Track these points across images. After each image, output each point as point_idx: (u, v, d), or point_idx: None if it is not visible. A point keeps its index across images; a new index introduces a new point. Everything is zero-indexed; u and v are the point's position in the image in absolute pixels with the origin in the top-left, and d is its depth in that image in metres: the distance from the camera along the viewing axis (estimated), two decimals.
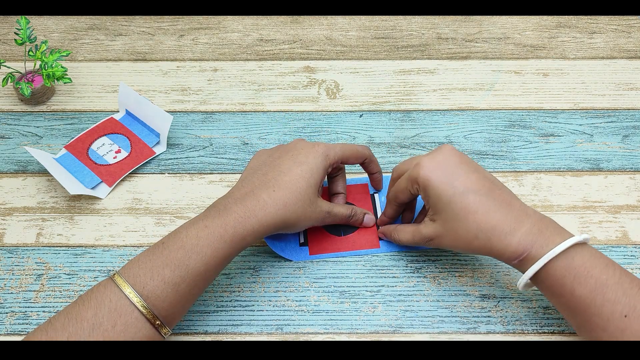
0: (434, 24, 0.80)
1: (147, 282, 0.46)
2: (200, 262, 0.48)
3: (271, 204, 0.51)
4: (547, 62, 0.76)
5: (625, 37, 0.78)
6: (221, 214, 0.50)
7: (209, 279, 0.50)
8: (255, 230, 0.50)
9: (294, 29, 0.80)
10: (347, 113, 0.71)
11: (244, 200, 0.51)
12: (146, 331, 0.46)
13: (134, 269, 0.47)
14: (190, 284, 0.48)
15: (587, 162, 0.66)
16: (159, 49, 0.78)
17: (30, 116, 0.71)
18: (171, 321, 0.48)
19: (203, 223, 0.49)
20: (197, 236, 0.48)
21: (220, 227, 0.49)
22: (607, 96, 0.72)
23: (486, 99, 0.72)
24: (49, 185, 0.65)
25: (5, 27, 0.81)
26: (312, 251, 0.59)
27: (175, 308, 0.47)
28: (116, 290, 0.46)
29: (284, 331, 0.55)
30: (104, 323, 0.45)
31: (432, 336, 0.55)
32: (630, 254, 0.59)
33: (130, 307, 0.46)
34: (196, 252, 0.48)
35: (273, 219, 0.51)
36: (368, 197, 0.63)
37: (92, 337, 0.44)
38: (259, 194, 0.51)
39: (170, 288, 0.47)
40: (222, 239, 0.49)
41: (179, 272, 0.47)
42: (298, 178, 0.53)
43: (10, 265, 0.59)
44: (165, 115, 0.67)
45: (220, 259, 0.49)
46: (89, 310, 0.45)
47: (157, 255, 0.48)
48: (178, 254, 0.48)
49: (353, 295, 0.57)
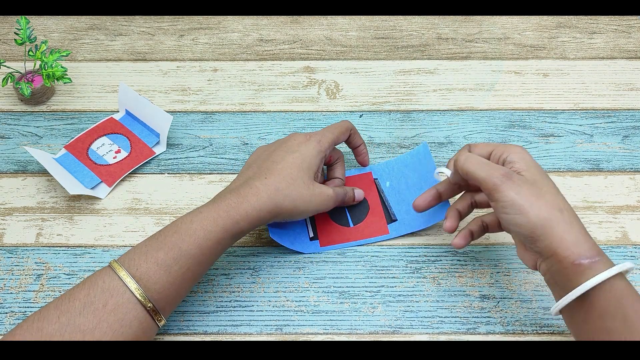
0: (434, 24, 0.80)
1: (140, 264, 0.48)
2: (193, 244, 0.49)
3: (263, 189, 0.52)
4: (547, 62, 0.76)
5: (625, 37, 0.78)
6: (216, 202, 0.52)
7: (203, 264, 0.50)
8: (248, 215, 0.51)
9: (294, 29, 0.80)
10: (347, 113, 0.71)
11: (238, 189, 0.53)
12: (137, 313, 0.47)
13: (130, 254, 0.49)
14: (183, 266, 0.49)
15: (587, 162, 0.66)
16: (159, 49, 0.78)
17: (30, 116, 0.71)
18: (164, 307, 0.49)
19: (198, 210, 0.51)
20: (191, 220, 0.50)
21: (214, 211, 0.50)
22: (607, 96, 0.72)
23: (486, 99, 0.72)
24: (49, 185, 0.65)
25: (5, 27, 0.81)
26: (323, 243, 0.60)
27: (168, 291, 0.48)
28: (110, 273, 0.48)
29: (284, 331, 0.55)
30: (94, 302, 0.46)
31: (431, 336, 0.55)
32: (630, 254, 0.59)
33: (122, 287, 0.47)
34: (189, 234, 0.49)
35: (265, 204, 0.52)
36: (373, 185, 0.64)
37: (82, 315, 0.45)
38: (252, 182, 0.53)
39: (163, 270, 0.48)
40: (216, 222, 0.50)
41: (172, 254, 0.48)
42: (290, 165, 0.55)
43: (10, 265, 0.59)
44: (165, 115, 0.67)
45: (214, 242, 0.50)
46: (82, 290, 0.47)
47: (153, 241, 0.50)
48: (172, 238, 0.49)
49: (353, 295, 0.57)
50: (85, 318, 0.45)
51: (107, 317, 0.46)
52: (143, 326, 0.47)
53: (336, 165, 0.62)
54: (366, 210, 0.62)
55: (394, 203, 0.62)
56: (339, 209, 0.62)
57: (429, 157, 0.65)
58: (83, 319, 0.45)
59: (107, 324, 0.46)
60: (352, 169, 0.66)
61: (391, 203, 0.62)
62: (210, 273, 0.58)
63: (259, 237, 0.61)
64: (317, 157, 0.57)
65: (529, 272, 0.58)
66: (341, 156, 0.63)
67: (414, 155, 0.65)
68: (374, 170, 0.65)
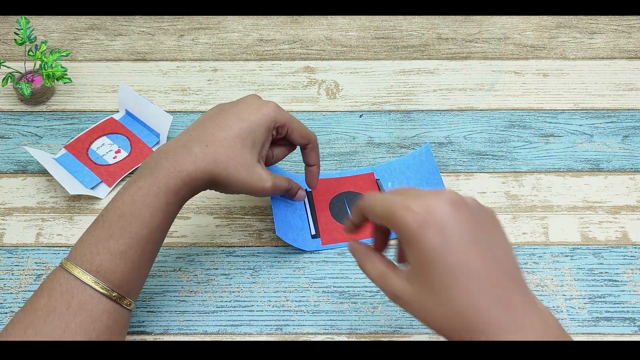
0: (434, 24, 0.80)
1: (94, 258, 0.46)
2: (141, 226, 0.47)
3: (202, 158, 0.50)
4: (547, 63, 0.76)
5: (625, 37, 0.78)
6: (152, 171, 0.49)
7: (156, 241, 0.49)
8: (186, 184, 0.49)
9: (294, 29, 0.80)
10: (347, 113, 0.71)
11: (175, 153, 0.50)
12: (104, 305, 0.46)
13: (79, 249, 0.47)
14: (137, 250, 0.47)
15: (587, 162, 0.66)
16: (159, 49, 0.78)
17: (30, 116, 0.71)
18: (130, 291, 0.48)
19: (136, 185, 0.48)
20: (133, 200, 0.48)
21: (153, 185, 0.48)
22: (607, 96, 0.72)
23: (486, 99, 0.72)
24: (49, 185, 0.65)
25: (5, 27, 0.81)
26: (325, 241, 0.60)
27: (129, 276, 0.47)
28: (65, 274, 0.46)
29: (284, 331, 0.55)
30: (57, 307, 0.45)
31: (431, 336, 0.55)
32: (630, 255, 0.59)
33: (81, 286, 0.46)
34: (135, 216, 0.47)
35: (202, 174, 0.50)
36: (375, 186, 0.64)
37: (47, 323, 0.44)
38: (191, 147, 0.50)
39: (119, 258, 0.47)
40: (157, 197, 0.48)
41: (124, 240, 0.47)
42: (234, 136, 0.51)
43: (10, 265, 0.59)
44: (165, 115, 0.67)
45: (161, 218, 0.48)
46: (41, 299, 0.46)
47: (99, 229, 0.48)
48: (119, 223, 0.47)
49: (353, 295, 0.57)
50: (51, 325, 0.44)
51: (73, 318, 0.45)
52: (113, 316, 0.47)
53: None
54: None
55: None
56: (340, 207, 0.62)
57: (431, 158, 0.65)
58: (49, 327, 0.44)
59: (75, 325, 0.45)
60: (353, 168, 0.66)
61: None
62: (210, 273, 0.58)
63: (259, 237, 0.61)
64: (264, 131, 0.53)
65: (529, 272, 0.58)
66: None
67: (416, 156, 0.65)
68: (375, 171, 0.65)
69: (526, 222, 0.61)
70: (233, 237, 0.61)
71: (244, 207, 0.63)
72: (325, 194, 0.63)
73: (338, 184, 0.64)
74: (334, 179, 0.64)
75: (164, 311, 0.56)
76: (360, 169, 0.66)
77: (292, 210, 0.61)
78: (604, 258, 0.59)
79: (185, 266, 0.59)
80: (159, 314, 0.56)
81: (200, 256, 0.60)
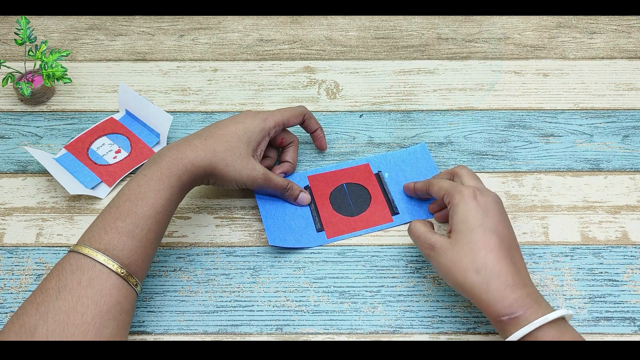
0: (434, 24, 0.80)
1: (102, 237, 0.49)
2: (146, 206, 0.51)
3: (201, 147, 0.55)
4: (547, 62, 0.76)
5: (625, 37, 0.78)
6: (156, 161, 0.54)
7: (161, 222, 0.52)
8: (188, 170, 0.54)
9: (294, 29, 0.80)
10: (347, 113, 0.71)
11: (177, 146, 0.55)
12: (113, 281, 0.48)
13: (87, 233, 0.50)
14: (144, 228, 0.50)
15: (587, 162, 0.66)
16: (159, 49, 0.78)
17: (30, 116, 0.71)
18: (137, 271, 0.50)
19: (142, 173, 0.53)
20: (139, 185, 0.52)
21: (157, 171, 0.53)
22: (607, 96, 0.72)
23: (486, 99, 0.72)
24: (49, 185, 0.65)
25: (5, 27, 0.81)
26: (329, 234, 0.60)
27: (136, 254, 0.50)
28: (74, 255, 0.48)
29: (284, 331, 0.55)
30: (68, 284, 0.47)
31: (431, 336, 0.55)
32: (630, 254, 0.59)
33: (91, 262, 0.48)
34: (140, 198, 0.51)
35: (202, 161, 0.55)
36: (372, 176, 0.65)
37: (59, 299, 0.46)
38: (191, 141, 0.56)
39: (126, 236, 0.49)
40: (161, 180, 0.52)
41: (130, 219, 0.50)
42: (231, 133, 0.57)
43: (10, 265, 0.59)
44: (165, 115, 0.67)
45: (165, 200, 0.52)
46: (51, 280, 0.48)
47: (106, 214, 0.51)
48: (125, 206, 0.51)
49: (353, 295, 0.57)
50: (63, 300, 0.46)
51: (85, 292, 0.46)
52: (122, 292, 0.48)
53: (288, 148, 0.64)
54: (368, 200, 0.63)
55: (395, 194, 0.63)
56: (342, 199, 0.63)
57: (428, 157, 0.65)
58: (62, 302, 0.46)
59: (87, 298, 0.46)
60: (349, 160, 0.66)
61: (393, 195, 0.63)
62: (210, 273, 0.58)
63: (259, 237, 0.61)
64: (259, 133, 0.59)
65: (529, 272, 0.58)
66: (295, 140, 0.65)
67: (411, 153, 0.66)
68: (370, 162, 0.66)
69: (526, 222, 0.61)
70: (233, 237, 0.61)
71: (244, 207, 0.63)
72: (324, 188, 0.64)
73: (335, 177, 0.65)
74: (330, 172, 0.65)
75: (164, 311, 0.56)
76: (356, 160, 0.66)
77: (288, 213, 0.61)
78: (604, 258, 0.59)
79: (185, 266, 0.59)
80: (159, 314, 0.56)
81: (201, 256, 0.60)
